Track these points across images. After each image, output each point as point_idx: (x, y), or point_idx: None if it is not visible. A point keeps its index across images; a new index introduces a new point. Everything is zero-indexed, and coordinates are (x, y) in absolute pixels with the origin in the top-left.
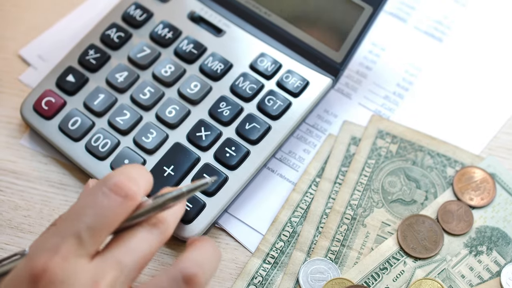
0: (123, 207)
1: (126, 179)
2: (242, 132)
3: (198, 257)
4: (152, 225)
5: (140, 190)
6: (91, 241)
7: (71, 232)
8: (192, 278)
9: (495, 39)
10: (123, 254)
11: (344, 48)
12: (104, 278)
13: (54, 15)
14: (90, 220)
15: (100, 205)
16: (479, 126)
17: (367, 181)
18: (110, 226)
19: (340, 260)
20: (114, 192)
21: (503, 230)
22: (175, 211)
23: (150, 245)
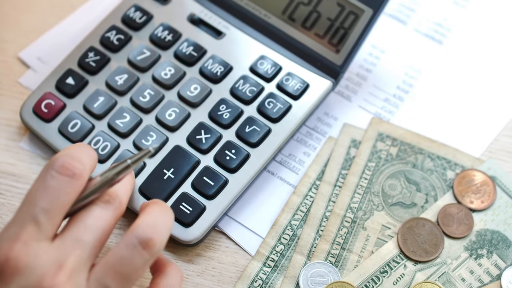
0: (72, 186)
1: (70, 159)
2: (242, 135)
3: (151, 220)
4: (105, 202)
5: (86, 168)
6: (48, 223)
7: (28, 218)
8: (148, 242)
9: (495, 41)
10: (81, 233)
11: (344, 50)
12: (67, 259)
13: (54, 17)
14: (44, 203)
15: (50, 187)
16: (479, 129)
17: (367, 184)
18: (64, 206)
19: (341, 263)
20: (61, 173)
21: (504, 233)
22: (125, 185)
23: (106, 221)
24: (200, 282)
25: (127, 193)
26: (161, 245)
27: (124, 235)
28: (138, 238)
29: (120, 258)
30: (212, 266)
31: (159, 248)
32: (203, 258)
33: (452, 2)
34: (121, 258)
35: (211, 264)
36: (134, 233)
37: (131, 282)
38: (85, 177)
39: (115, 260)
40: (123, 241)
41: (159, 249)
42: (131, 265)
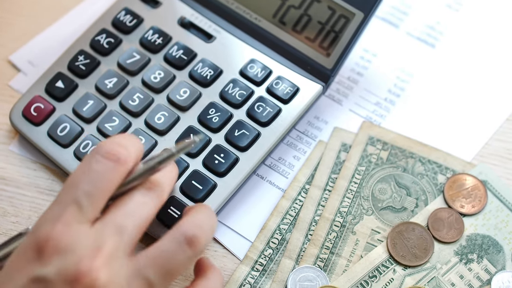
0: (116, 171)
1: (116, 145)
2: (231, 138)
3: (197, 220)
4: (147, 189)
5: (131, 154)
6: (90, 206)
7: (70, 200)
8: (193, 239)
9: (488, 45)
10: (122, 218)
11: (335, 54)
12: (106, 242)
13: (45, 20)
14: (87, 186)
15: (95, 171)
16: (471, 133)
17: (357, 188)
18: (107, 190)
19: (329, 267)
20: (106, 158)
21: (494, 238)
22: (168, 174)
23: (147, 208)
24: None
25: (169, 182)
26: (205, 244)
27: (170, 231)
28: (184, 235)
29: (164, 251)
30: None
31: (203, 246)
32: None
33: (445, 6)
34: (165, 252)
35: None
36: (180, 229)
37: (172, 278)
38: (129, 163)
39: (158, 253)
40: (168, 236)
41: (203, 247)
42: (174, 260)
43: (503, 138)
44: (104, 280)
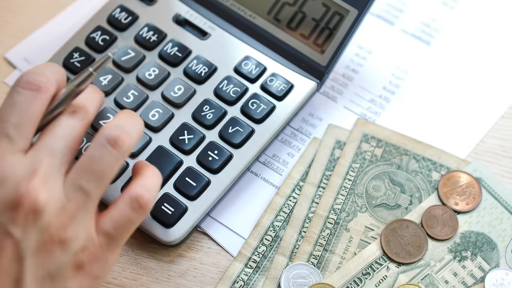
0: (38, 99)
1: (34, 75)
2: (225, 135)
3: (117, 122)
4: (71, 112)
5: (50, 81)
6: (19, 137)
7: (0, 134)
8: (116, 140)
9: (483, 42)
10: (51, 141)
11: (329, 51)
12: (39, 164)
13: (41, 18)
14: (13, 118)
15: (18, 102)
16: (466, 130)
17: (351, 185)
18: (33, 119)
19: (323, 265)
20: (26, 88)
21: (488, 235)
22: (89, 94)
23: (74, 129)
24: (181, 283)
25: (94, 102)
26: (129, 143)
27: (94, 137)
28: (106, 137)
29: (91, 157)
30: (194, 267)
31: (128, 145)
32: (185, 259)
33: (440, 3)
34: (92, 157)
35: (192, 264)
36: (102, 133)
37: (104, 181)
38: (50, 89)
39: (86, 160)
40: (92, 143)
41: (128, 146)
42: (102, 163)
43: (498, 135)
44: (44, 198)
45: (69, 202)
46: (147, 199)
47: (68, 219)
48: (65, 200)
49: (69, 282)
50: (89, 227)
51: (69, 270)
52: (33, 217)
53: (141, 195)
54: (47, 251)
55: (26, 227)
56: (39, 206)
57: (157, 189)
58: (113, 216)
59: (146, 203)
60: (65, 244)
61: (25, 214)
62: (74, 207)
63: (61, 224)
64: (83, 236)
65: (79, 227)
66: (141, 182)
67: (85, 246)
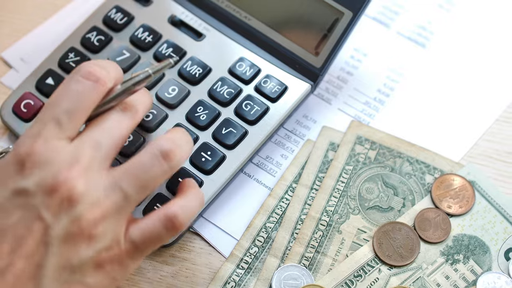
0: (95, 90)
1: (96, 67)
2: (218, 136)
3: (172, 136)
4: (122, 109)
5: (110, 76)
6: (69, 124)
7: (50, 117)
8: (169, 153)
9: (479, 46)
10: (98, 134)
11: (324, 53)
12: (83, 155)
13: (38, 18)
14: (67, 105)
15: (75, 90)
16: (460, 133)
17: (344, 188)
18: (85, 109)
19: (314, 266)
20: (86, 78)
21: (481, 239)
22: (143, 96)
23: (122, 126)
24: (173, 283)
25: (145, 104)
26: (180, 158)
27: (146, 146)
28: (160, 149)
29: (140, 164)
30: (186, 267)
31: (178, 161)
32: (177, 259)
33: (437, 6)
34: (141, 164)
35: (185, 265)
36: (156, 144)
37: (146, 190)
38: (108, 83)
39: (134, 165)
40: (144, 150)
41: (178, 162)
42: (149, 172)
43: (492, 139)
44: (81, 189)
45: (106, 200)
46: (182, 221)
47: (101, 216)
48: (103, 196)
49: (88, 277)
50: (118, 230)
51: (90, 266)
52: (67, 205)
53: (177, 216)
54: (74, 243)
55: (59, 214)
56: (75, 195)
57: (195, 213)
58: (144, 228)
59: (181, 224)
60: (92, 240)
61: (60, 201)
62: (110, 206)
63: (92, 219)
64: (111, 237)
65: (109, 227)
66: (181, 202)
67: (110, 247)
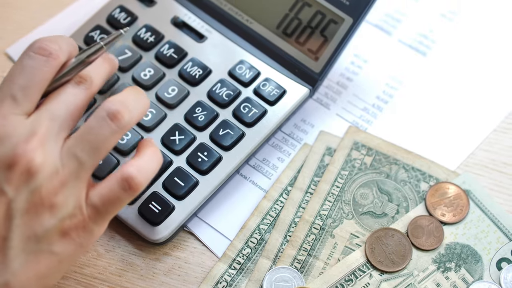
0: (48, 65)
1: (47, 42)
2: (215, 137)
3: (121, 97)
4: (77, 82)
5: (62, 49)
6: (25, 99)
7: (6, 94)
8: (116, 114)
9: (479, 56)
10: (54, 106)
11: (323, 58)
12: (39, 127)
13: (43, 15)
14: (21, 80)
15: (28, 66)
16: (457, 142)
17: (338, 192)
18: (40, 83)
19: (306, 269)
20: (38, 53)
21: (474, 248)
22: (97, 66)
23: (78, 97)
24: (166, 281)
25: (100, 74)
26: (129, 119)
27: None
28: (106, 110)
29: (89, 128)
30: (178, 265)
31: (126, 121)
32: (170, 258)
33: (439, 15)
34: (90, 128)
35: (177, 263)
36: (103, 106)
37: (99, 153)
38: (61, 57)
39: (84, 130)
40: (93, 114)
41: (127, 122)
42: (99, 135)
43: (489, 149)
44: (39, 160)
45: (63, 168)
46: (138, 182)
47: (60, 184)
48: (60, 166)
49: (54, 245)
50: (79, 196)
51: (55, 234)
52: (26, 177)
53: (133, 177)
54: (36, 213)
55: (19, 187)
56: (34, 167)
57: (152, 172)
58: (102, 191)
59: (137, 185)
60: (54, 208)
61: (19, 174)
62: (67, 173)
63: (52, 189)
64: (72, 204)
65: (70, 194)
66: (137, 162)
67: (73, 214)
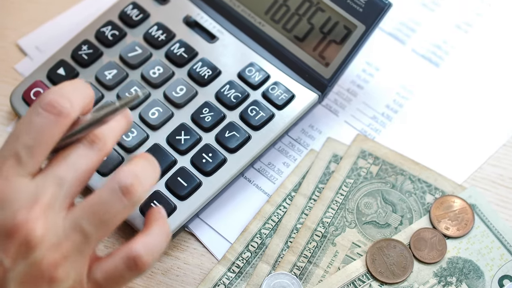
0: (57, 124)
1: (58, 97)
2: (221, 139)
3: (135, 168)
4: (90, 141)
5: (74, 106)
6: (30, 160)
7: (10, 152)
8: (129, 188)
9: (492, 69)
10: (62, 170)
11: (334, 64)
12: (44, 193)
13: (57, 8)
14: (27, 139)
15: (35, 124)
16: (465, 155)
17: (342, 200)
18: (47, 144)
19: (305, 276)
20: (47, 111)
21: (476, 263)
22: (113, 127)
23: (88, 161)
24: (163, 280)
25: (113, 136)
26: (142, 194)
27: (107, 180)
28: (119, 183)
29: (99, 200)
30: (177, 266)
31: (139, 196)
32: (170, 257)
33: (454, 26)
34: (100, 201)
35: (176, 264)
36: (116, 178)
37: (107, 228)
38: (72, 116)
39: (93, 202)
40: (104, 185)
41: (139, 198)
42: (109, 209)
43: (497, 164)
44: (40, 231)
45: (66, 240)
46: (146, 262)
47: (62, 257)
48: (63, 237)
49: None
50: (81, 271)
51: None
52: (25, 249)
53: (140, 256)
54: (34, 285)
55: (17, 258)
56: (34, 239)
57: (160, 251)
58: (107, 267)
59: (144, 265)
60: (53, 282)
61: (18, 245)
62: (70, 247)
63: (53, 261)
64: (73, 278)
65: (71, 268)
66: (145, 240)
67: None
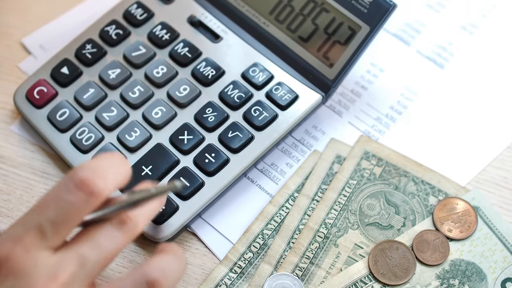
0: (87, 204)
1: (92, 175)
2: (224, 139)
3: (163, 263)
4: (120, 222)
5: (108, 186)
6: (53, 235)
7: (34, 224)
8: (155, 284)
9: (497, 71)
10: (87, 249)
11: (338, 65)
12: (63, 271)
13: (61, 7)
14: (53, 214)
15: (64, 200)
16: (469, 157)
17: (345, 201)
18: (73, 221)
19: (307, 277)
20: (79, 189)
21: (479, 266)
22: (147, 211)
23: (116, 243)
24: None
25: (145, 221)
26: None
27: (134, 270)
28: (146, 278)
29: None
30: None
31: None
32: None
33: (460, 27)
34: None
35: None
36: (143, 271)
37: None
38: (104, 195)
39: None
40: (131, 275)
41: None
42: None
43: (501, 166)
44: None
45: None
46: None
47: None
48: None
49: None
50: None
51: None
52: None
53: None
54: None
55: None
56: None
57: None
58: None
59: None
60: None
61: None
62: None
63: None
64: None
65: None
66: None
67: None
